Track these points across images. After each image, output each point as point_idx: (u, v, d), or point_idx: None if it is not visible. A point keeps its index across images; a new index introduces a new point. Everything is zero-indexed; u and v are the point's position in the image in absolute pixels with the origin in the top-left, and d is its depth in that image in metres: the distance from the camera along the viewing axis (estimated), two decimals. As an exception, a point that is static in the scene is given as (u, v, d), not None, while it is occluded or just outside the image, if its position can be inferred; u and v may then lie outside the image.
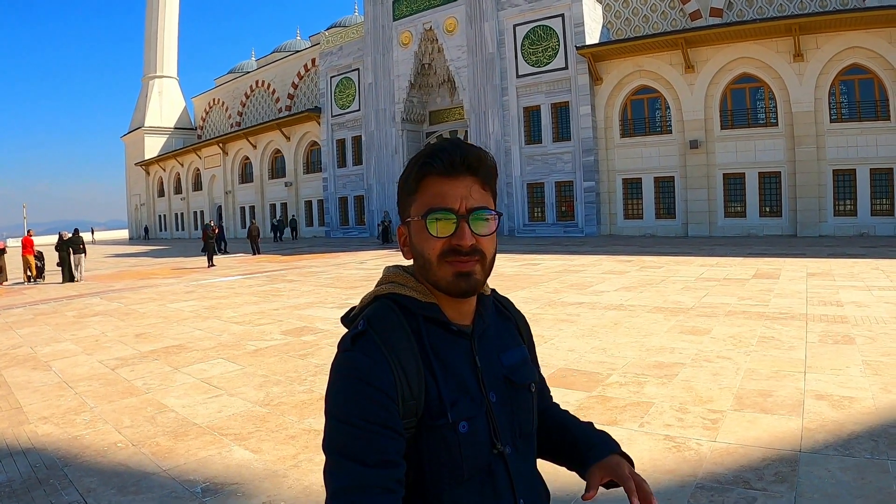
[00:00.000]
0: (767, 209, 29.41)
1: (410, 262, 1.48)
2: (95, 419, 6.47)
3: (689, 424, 5.48)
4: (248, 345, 10.03)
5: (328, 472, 1.25)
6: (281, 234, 47.59)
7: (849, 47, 26.72)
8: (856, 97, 27.40)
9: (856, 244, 22.75)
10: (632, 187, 33.06)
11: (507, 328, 1.58)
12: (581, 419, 1.69)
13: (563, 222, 34.62)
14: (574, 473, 1.58)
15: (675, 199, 31.78)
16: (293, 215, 50.64)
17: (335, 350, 1.37)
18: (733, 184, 30.13)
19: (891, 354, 7.41)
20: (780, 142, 28.66)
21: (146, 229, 73.48)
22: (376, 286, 1.48)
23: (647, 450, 4.97)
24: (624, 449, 1.58)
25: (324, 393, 4.85)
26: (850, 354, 7.49)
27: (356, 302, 1.49)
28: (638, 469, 1.53)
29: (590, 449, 1.54)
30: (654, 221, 32.35)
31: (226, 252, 36.52)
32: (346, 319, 1.47)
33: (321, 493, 4.53)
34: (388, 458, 1.24)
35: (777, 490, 4.17)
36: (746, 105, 29.81)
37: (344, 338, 1.37)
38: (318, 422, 6.03)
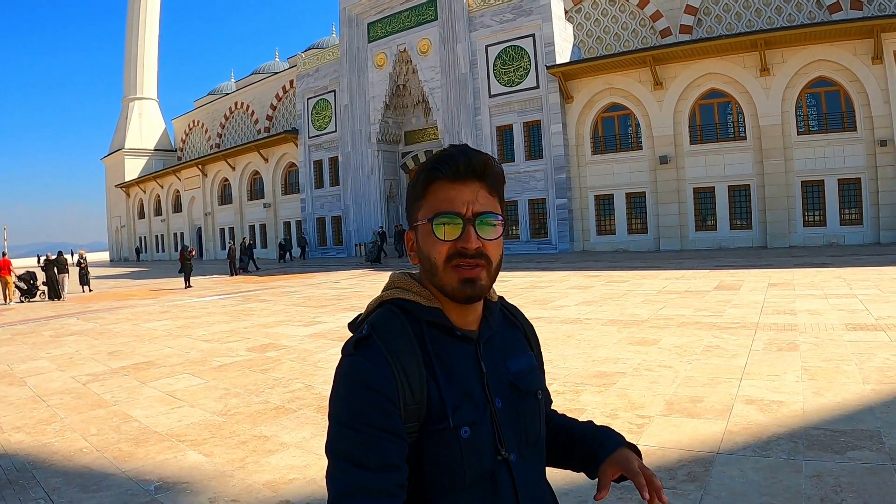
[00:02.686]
0: (738, 222, 29.73)
1: (416, 268, 1.49)
2: (64, 428, 6.85)
3: (615, 429, 5.63)
4: (213, 361, 10.32)
5: (330, 476, 1.26)
6: (289, 254, 46.24)
7: (814, 60, 27.16)
8: (822, 109, 27.82)
9: (824, 254, 23.06)
10: (604, 203, 33.32)
11: (514, 335, 1.58)
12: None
13: (536, 239, 34.80)
14: (580, 476, 1.60)
15: (646, 214, 32.02)
16: (304, 233, 48.28)
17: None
18: (703, 198, 30.44)
19: (831, 360, 7.59)
20: (748, 155, 29.03)
21: (137, 251, 72.62)
22: (382, 292, 1.49)
23: (569, 452, 5.10)
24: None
25: (278, 403, 5.16)
26: (791, 361, 7.68)
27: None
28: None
29: (599, 446, 1.55)
30: (627, 237, 32.58)
31: (258, 269, 36.77)
32: (352, 325, 1.47)
33: (262, 489, 4.87)
34: (389, 461, 1.24)
35: (686, 489, 4.37)
36: (715, 120, 30.19)
37: (347, 343, 1.37)
38: (269, 429, 6.41)
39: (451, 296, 1.38)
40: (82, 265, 28.68)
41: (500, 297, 1.61)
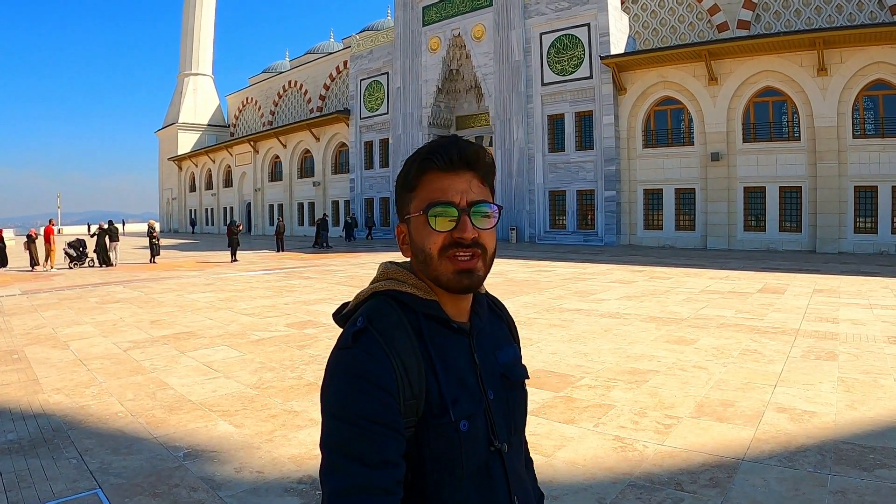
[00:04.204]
0: (787, 224, 29.18)
1: (407, 259, 1.47)
2: (102, 392, 7.08)
3: (642, 427, 5.66)
4: (252, 334, 10.53)
5: (326, 472, 1.22)
6: (352, 233, 44.76)
7: (873, 62, 26.41)
8: (880, 113, 27.01)
9: (873, 262, 22.55)
10: (652, 198, 33.03)
11: (500, 327, 1.58)
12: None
13: (583, 231, 34.70)
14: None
15: (695, 211, 31.65)
16: (368, 215, 47.01)
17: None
18: (754, 197, 29.94)
19: (869, 372, 7.45)
20: (801, 156, 28.40)
21: (192, 223, 73.51)
22: (372, 283, 1.46)
23: (593, 448, 5.16)
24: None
25: (311, 380, 5.25)
26: (828, 370, 7.56)
27: None
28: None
29: None
30: (674, 233, 32.27)
31: (328, 247, 37.11)
32: (338, 317, 1.46)
33: (287, 463, 4.98)
34: (388, 458, 1.22)
35: (707, 494, 4.34)
36: (769, 118, 29.60)
37: (343, 335, 1.33)
38: (300, 405, 6.55)
39: (446, 286, 1.37)
40: (154, 235, 28.85)
41: (486, 290, 1.59)
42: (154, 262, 27.95)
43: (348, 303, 1.47)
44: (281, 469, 4.93)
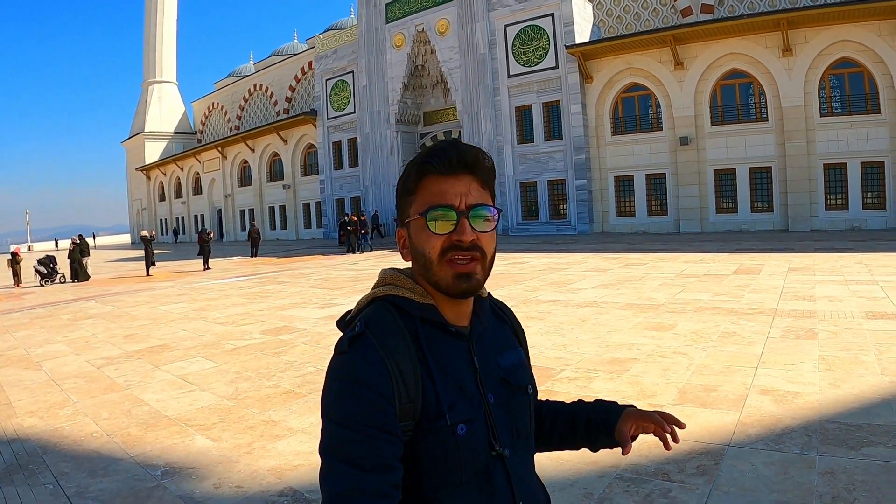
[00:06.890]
0: (759, 204, 29.36)
1: (408, 264, 1.48)
2: (77, 413, 6.90)
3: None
4: (227, 344, 10.37)
5: (324, 477, 1.23)
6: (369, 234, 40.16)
7: (838, 41, 26.64)
8: (846, 91, 27.26)
9: (846, 238, 22.71)
10: (623, 185, 33.08)
11: (503, 330, 1.58)
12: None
13: (556, 221, 34.67)
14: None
15: (666, 195, 31.76)
16: (376, 210, 42.59)
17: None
18: (724, 180, 30.11)
19: (849, 349, 7.45)
20: (770, 137, 28.62)
21: (175, 232, 71.11)
22: (373, 289, 1.47)
23: (578, 443, 5.03)
24: None
25: (288, 387, 5.17)
26: (809, 349, 7.55)
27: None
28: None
29: (607, 414, 1.61)
30: (647, 218, 32.33)
31: (361, 250, 36.62)
32: (341, 323, 1.46)
33: (267, 475, 4.83)
34: (385, 462, 1.23)
35: (694, 483, 4.28)
36: (736, 101, 29.77)
37: (341, 340, 1.35)
38: (278, 414, 6.41)
39: (445, 290, 1.36)
40: (149, 244, 27.77)
41: (489, 294, 1.59)
42: (149, 275, 26.75)
43: (352, 310, 1.48)
44: (261, 482, 4.81)
